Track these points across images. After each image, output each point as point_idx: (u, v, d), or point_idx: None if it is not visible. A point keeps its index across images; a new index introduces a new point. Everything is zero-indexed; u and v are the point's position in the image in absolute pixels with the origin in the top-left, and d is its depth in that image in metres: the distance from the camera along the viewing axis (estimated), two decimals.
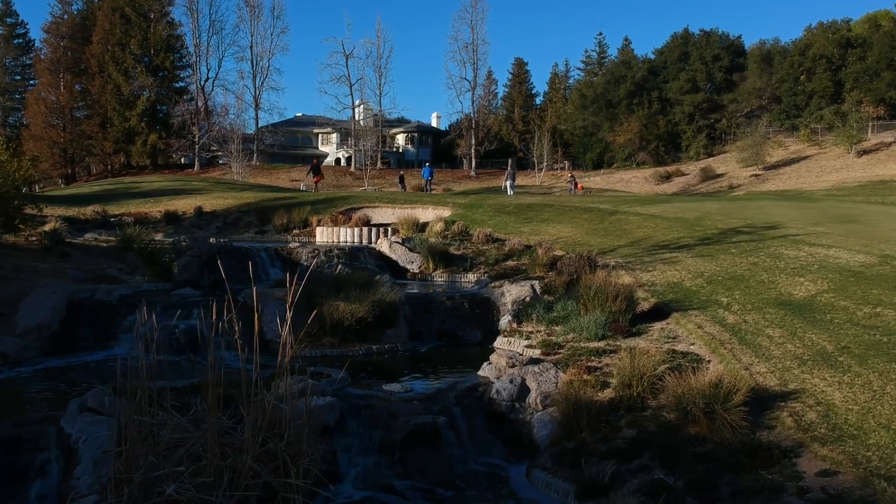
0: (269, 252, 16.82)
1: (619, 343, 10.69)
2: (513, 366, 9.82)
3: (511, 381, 9.45)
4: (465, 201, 26.14)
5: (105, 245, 15.60)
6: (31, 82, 72.34)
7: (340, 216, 23.77)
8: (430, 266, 17.65)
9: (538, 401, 9.25)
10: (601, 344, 10.69)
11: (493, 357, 10.08)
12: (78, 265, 13.89)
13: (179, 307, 12.26)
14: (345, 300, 12.17)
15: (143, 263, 14.53)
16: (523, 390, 9.42)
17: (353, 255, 17.61)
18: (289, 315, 8.38)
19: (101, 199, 30.46)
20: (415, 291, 14.74)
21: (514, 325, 12.94)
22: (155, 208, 27.20)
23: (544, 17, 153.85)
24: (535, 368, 9.67)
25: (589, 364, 9.91)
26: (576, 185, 43.07)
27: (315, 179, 40.73)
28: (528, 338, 12.08)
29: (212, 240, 16.25)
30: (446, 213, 24.09)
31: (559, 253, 16.91)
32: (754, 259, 14.64)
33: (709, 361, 9.82)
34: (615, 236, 18.27)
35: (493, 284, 14.41)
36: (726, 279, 13.47)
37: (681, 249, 16.11)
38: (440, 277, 17.37)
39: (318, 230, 23.22)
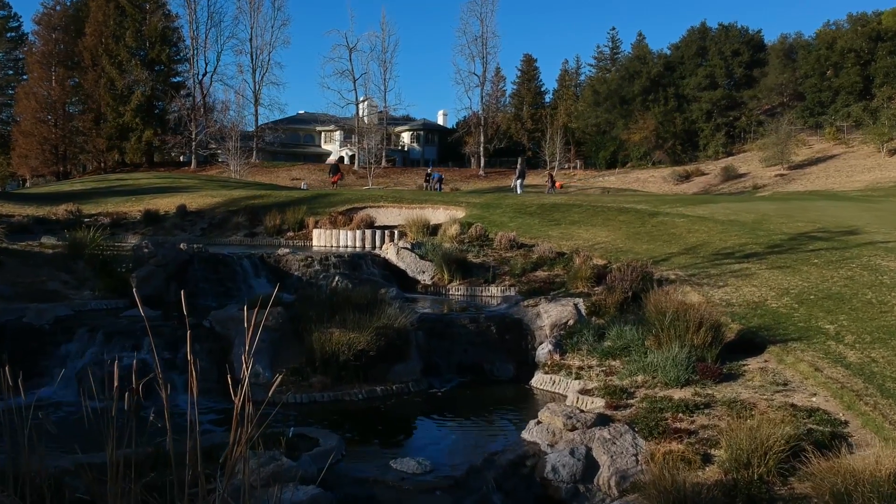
0: (253, 260, 14.06)
1: (710, 392, 7.89)
2: (573, 428, 7.03)
3: (572, 453, 6.66)
4: (481, 201, 23.37)
5: (51, 252, 12.87)
6: (24, 77, 69.68)
7: (340, 217, 21.01)
8: (445, 276, 14.89)
9: (612, 483, 6.47)
10: (687, 393, 7.90)
11: (543, 415, 7.30)
12: (11, 277, 11.17)
13: (127, 334, 9.52)
14: (341, 326, 9.40)
15: (95, 275, 11.79)
16: (590, 466, 6.64)
17: (354, 263, 14.84)
18: (247, 362, 5.57)
19: (80, 197, 27.80)
20: (428, 311, 11.95)
21: (557, 358, 10.17)
22: (135, 207, 24.50)
23: (553, 13, 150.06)
24: (605, 433, 6.88)
25: (677, 425, 7.13)
26: (554, 183, 40.39)
27: (334, 179, 38.54)
28: (577, 377, 9.30)
29: (182, 245, 13.49)
30: (460, 213, 21.33)
31: (599, 262, 14.12)
32: (847, 272, 11.85)
33: (846, 423, 7.03)
34: (663, 242, 15.47)
35: (526, 303, 11.62)
36: (821, 298, 10.68)
37: (749, 259, 13.31)
38: (457, 290, 14.60)
39: (315, 233, 20.47)
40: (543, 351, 10.41)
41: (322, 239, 20.20)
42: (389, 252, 15.75)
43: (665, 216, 18.16)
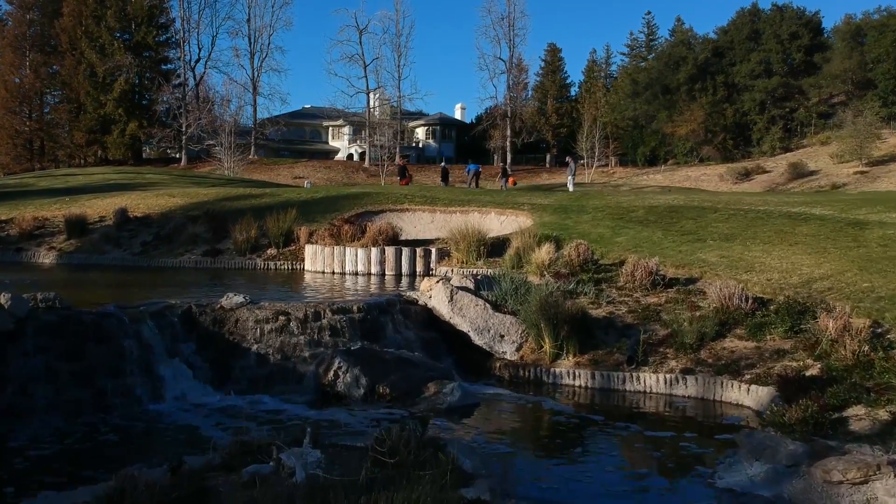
0: (167, 320, 6.94)
1: None
2: None
3: None
4: (550, 202, 16.17)
5: None
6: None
7: (346, 227, 13.79)
8: (547, 347, 7.73)
9: None
10: None
11: None
12: None
13: None
14: None
15: None
16: None
17: (371, 322, 7.69)
18: None
19: (1, 196, 20.92)
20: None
21: None
22: (62, 211, 17.47)
23: (575, 3, 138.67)
24: None
25: None
26: (507, 179, 33.70)
27: (402, 183, 31.48)
28: None
29: (2, 298, 6.34)
30: (524, 220, 14.20)
31: (858, 322, 6.96)
32: None
33: None
34: None
35: (834, 474, 4.40)
36: None
37: None
38: (574, 378, 7.46)
39: (309, 250, 13.37)
40: None
41: (318, 260, 13.11)
42: (435, 296, 8.55)
43: (881, 227, 10.95)
